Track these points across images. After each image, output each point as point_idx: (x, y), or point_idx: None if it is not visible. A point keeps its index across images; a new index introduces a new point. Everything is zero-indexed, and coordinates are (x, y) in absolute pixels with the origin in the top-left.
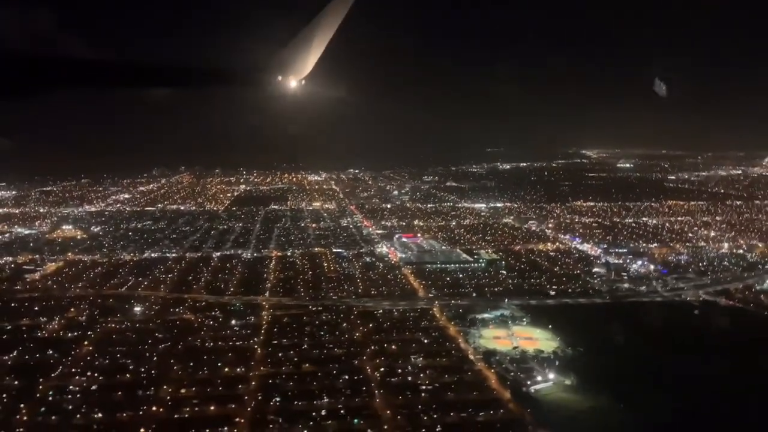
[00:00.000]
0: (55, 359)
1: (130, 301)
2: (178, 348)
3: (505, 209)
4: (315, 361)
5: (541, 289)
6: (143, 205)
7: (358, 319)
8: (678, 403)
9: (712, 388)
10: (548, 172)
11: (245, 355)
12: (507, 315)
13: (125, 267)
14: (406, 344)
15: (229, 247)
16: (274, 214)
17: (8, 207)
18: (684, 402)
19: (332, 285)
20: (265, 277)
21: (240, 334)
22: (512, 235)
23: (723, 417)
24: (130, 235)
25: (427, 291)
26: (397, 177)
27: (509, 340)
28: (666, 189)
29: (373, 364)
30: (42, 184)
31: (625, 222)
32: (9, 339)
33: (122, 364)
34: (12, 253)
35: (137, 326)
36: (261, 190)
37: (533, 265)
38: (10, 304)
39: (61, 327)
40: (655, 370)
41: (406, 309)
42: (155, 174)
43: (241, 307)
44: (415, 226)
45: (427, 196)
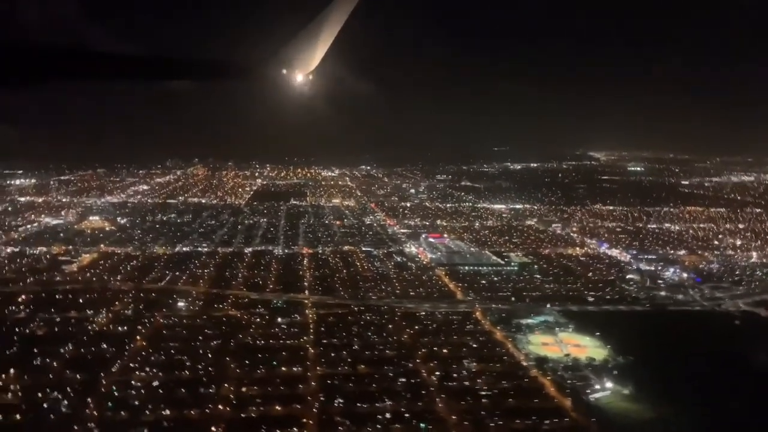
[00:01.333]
0: (111, 353)
1: (172, 295)
2: (231, 345)
3: (525, 211)
4: (369, 363)
5: (579, 295)
6: (164, 197)
7: (402, 320)
8: (739, 413)
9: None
10: (561, 174)
11: (299, 354)
12: (551, 321)
13: (160, 260)
14: (456, 348)
15: (258, 242)
16: (295, 209)
17: (30, 195)
18: (745, 412)
19: (369, 284)
20: (301, 274)
21: (289, 332)
22: (538, 238)
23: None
24: (158, 228)
25: (464, 293)
26: (410, 175)
27: (558, 346)
28: (681, 194)
29: (428, 368)
30: (58, 173)
31: (648, 227)
32: (61, 331)
33: (179, 360)
34: (44, 244)
35: (185, 322)
36: (278, 185)
37: (566, 270)
38: (55, 296)
39: (109, 320)
40: (711, 380)
41: (448, 311)
42: (169, 165)
43: (284, 304)
44: (438, 226)
45: (444, 196)
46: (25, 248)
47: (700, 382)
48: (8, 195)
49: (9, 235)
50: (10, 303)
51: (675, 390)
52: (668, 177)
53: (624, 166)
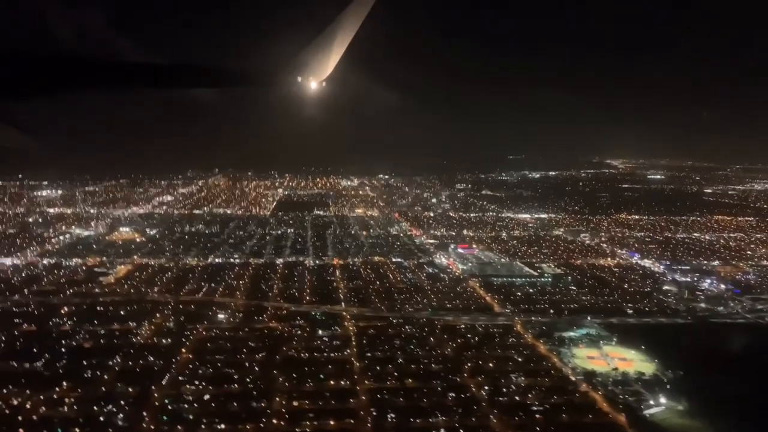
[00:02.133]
0: (159, 366)
1: (211, 307)
2: (276, 358)
3: (551, 220)
4: (416, 377)
5: (618, 307)
6: (189, 208)
7: (443, 333)
8: None
9: None
10: (582, 182)
11: (344, 368)
12: (593, 334)
13: (194, 272)
14: (502, 362)
15: (289, 253)
16: (321, 220)
17: (59, 207)
18: None
19: (404, 296)
20: (335, 285)
21: (331, 345)
22: (568, 249)
23: None
24: (188, 239)
25: (501, 306)
26: (429, 184)
27: (604, 360)
28: (706, 203)
29: (476, 382)
30: (83, 184)
31: (677, 237)
32: (107, 343)
33: (227, 373)
34: (79, 255)
35: (227, 334)
36: (300, 195)
37: (601, 281)
38: (96, 308)
39: (153, 333)
40: (765, 396)
41: (488, 324)
42: (190, 176)
43: (323, 316)
44: (465, 236)
45: (467, 205)
46: (60, 260)
47: (754, 397)
48: (37, 206)
49: (43, 246)
50: (54, 315)
51: (730, 406)
52: (690, 185)
53: (643, 174)
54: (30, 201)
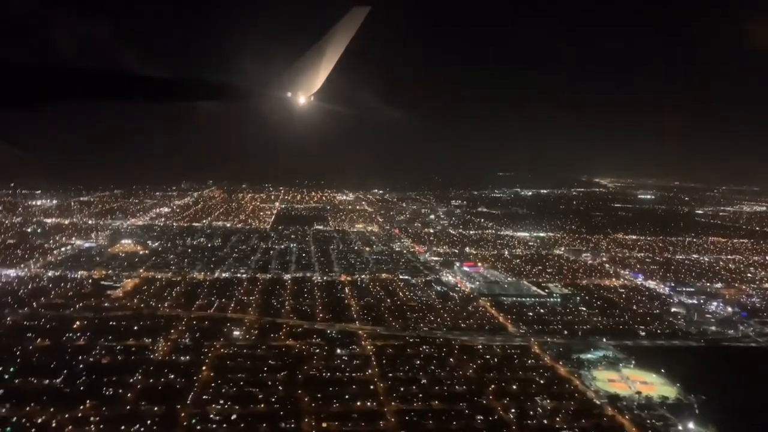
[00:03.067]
0: (181, 384)
1: (225, 324)
2: (299, 377)
3: (550, 239)
4: (441, 398)
5: (630, 329)
6: (188, 220)
7: (462, 354)
8: None
9: None
10: (575, 201)
11: (368, 388)
12: (610, 356)
13: (202, 287)
14: (525, 384)
15: (294, 269)
16: (322, 235)
17: (56, 217)
18: None
19: (417, 315)
20: (346, 303)
21: (352, 364)
22: (572, 269)
23: None
24: (191, 252)
25: (515, 326)
26: (423, 199)
27: (625, 383)
28: (700, 224)
29: (502, 405)
30: (76, 194)
31: (677, 258)
32: (124, 360)
33: (250, 392)
34: (83, 268)
35: (245, 352)
36: (297, 208)
37: (609, 303)
38: (109, 323)
39: (170, 349)
40: None
41: (504, 345)
42: (184, 187)
43: (338, 335)
44: (468, 254)
45: (465, 222)
46: (65, 272)
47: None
48: (34, 216)
49: (46, 258)
50: (66, 329)
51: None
52: (681, 206)
53: (633, 193)
54: (26, 210)
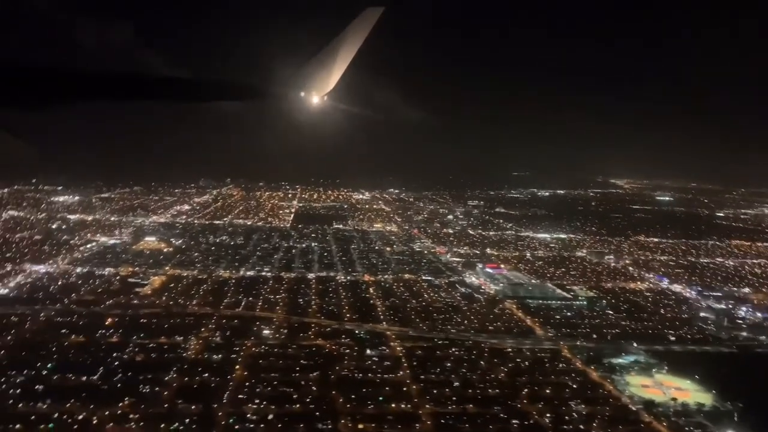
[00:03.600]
0: (216, 383)
1: (254, 322)
2: (331, 378)
3: (571, 241)
4: (475, 402)
5: (659, 334)
6: (209, 218)
7: (492, 357)
8: None
9: None
10: (593, 202)
11: (401, 390)
12: (642, 361)
13: (229, 285)
14: (558, 388)
15: (318, 268)
16: (342, 234)
17: (78, 213)
18: None
19: (443, 317)
20: (372, 303)
21: (382, 365)
22: (595, 271)
23: None
24: (214, 250)
25: (543, 329)
26: (440, 199)
27: (659, 389)
28: (722, 227)
29: (537, 409)
30: (97, 191)
31: (701, 262)
32: (158, 358)
33: (285, 392)
34: (109, 264)
35: (277, 351)
36: (315, 207)
37: (636, 306)
38: (140, 320)
39: (201, 348)
40: None
41: (534, 348)
42: (202, 185)
43: (367, 335)
44: (490, 255)
45: (484, 223)
46: (92, 269)
47: None
48: (57, 212)
49: (72, 254)
50: (99, 326)
51: None
52: (700, 208)
53: (651, 195)
54: (49, 206)
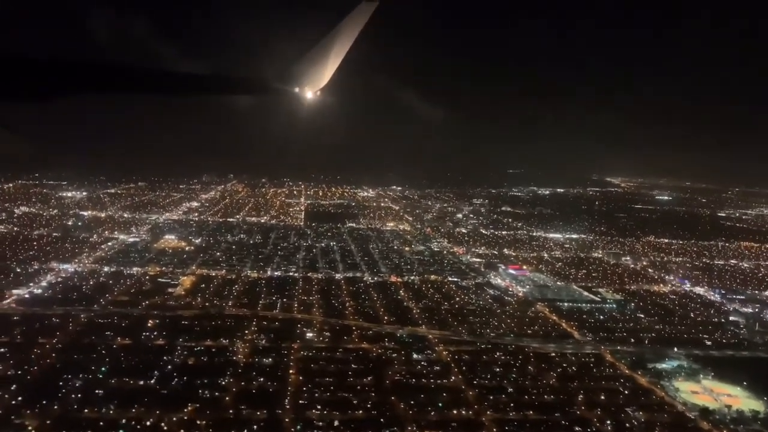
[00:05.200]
0: (274, 388)
1: (294, 324)
2: (386, 383)
3: (583, 241)
4: (534, 408)
5: (694, 338)
6: (221, 216)
7: (538, 361)
8: None
9: None
10: (596, 201)
11: (459, 396)
12: (685, 366)
13: (259, 285)
14: (611, 394)
15: (343, 268)
16: (357, 233)
17: (90, 210)
18: None
19: (479, 319)
20: (405, 305)
21: (433, 370)
22: (615, 273)
23: None
24: (235, 249)
25: (580, 333)
26: (444, 197)
27: (709, 396)
28: (727, 228)
29: (596, 416)
30: (102, 186)
31: (716, 264)
32: (209, 361)
33: (344, 397)
34: (134, 263)
35: (324, 354)
36: (322, 204)
37: (665, 310)
38: (181, 321)
39: (250, 351)
40: None
41: (577, 353)
42: (205, 180)
43: (409, 339)
44: (507, 255)
45: (494, 222)
46: (119, 268)
47: None
48: (68, 208)
49: (95, 252)
50: (141, 328)
51: None
52: (700, 208)
53: (649, 194)
54: (59, 202)
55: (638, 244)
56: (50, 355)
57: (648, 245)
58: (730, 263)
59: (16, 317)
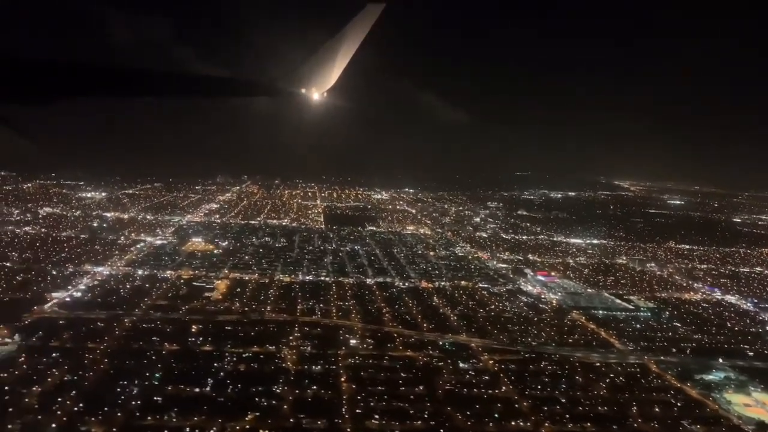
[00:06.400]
0: (328, 396)
1: (336, 331)
2: (438, 392)
3: (605, 247)
4: (591, 420)
5: (735, 348)
6: (242, 218)
7: (585, 372)
8: None
9: None
10: (611, 206)
11: (513, 408)
12: (732, 377)
13: (293, 290)
14: (664, 407)
15: (372, 273)
16: (380, 237)
17: (112, 211)
18: None
19: (518, 328)
20: (442, 312)
21: (483, 380)
22: (642, 280)
23: None
24: (263, 252)
25: (620, 342)
26: (457, 200)
27: (762, 408)
28: (745, 234)
29: (653, 429)
30: (120, 187)
31: (742, 271)
32: (259, 368)
33: (400, 407)
34: (166, 267)
35: (372, 362)
36: (339, 207)
37: (700, 318)
38: (224, 327)
39: (297, 358)
40: None
41: (621, 363)
42: (219, 181)
43: (452, 347)
44: (533, 261)
45: (513, 226)
46: (153, 271)
47: None
48: (91, 210)
49: (126, 255)
50: (186, 333)
51: None
52: (714, 213)
53: (660, 198)
54: (80, 203)
55: (660, 250)
56: (103, 360)
57: (669, 251)
58: (755, 271)
59: (62, 321)
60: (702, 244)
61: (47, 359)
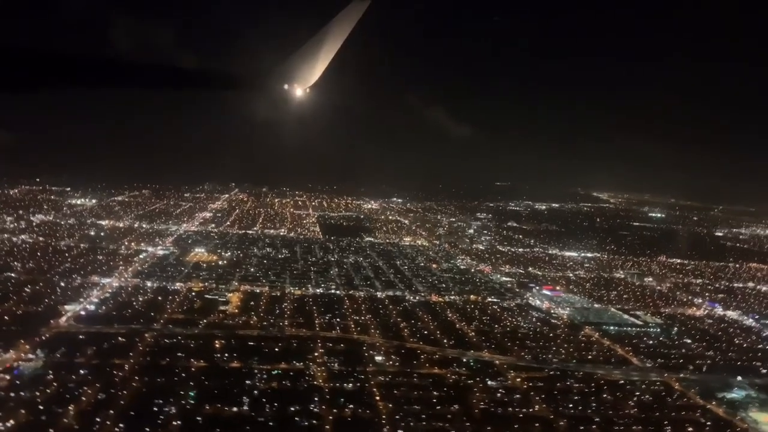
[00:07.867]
0: (366, 416)
1: (359, 347)
2: (475, 412)
3: (600, 260)
4: None
5: (748, 366)
6: (239, 227)
7: (611, 390)
8: None
9: None
10: (597, 218)
11: (551, 427)
12: (754, 395)
13: (306, 303)
14: (698, 427)
15: (381, 286)
16: (379, 248)
17: (105, 219)
18: None
19: (535, 344)
20: (458, 327)
21: (514, 398)
22: (644, 295)
23: None
24: (267, 263)
25: (639, 359)
26: (445, 211)
27: None
28: (728, 248)
29: None
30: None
31: (736, 286)
32: (293, 387)
33: (440, 427)
34: (174, 278)
35: (401, 380)
36: (332, 216)
37: (708, 335)
38: (248, 343)
39: (327, 376)
40: None
41: (644, 381)
42: (207, 189)
43: (477, 364)
44: (535, 275)
45: (507, 239)
46: (162, 283)
47: None
48: (85, 217)
49: (131, 266)
50: (211, 349)
51: None
52: (695, 226)
53: (642, 211)
54: (72, 210)
55: (653, 263)
56: (133, 377)
57: (663, 265)
58: (748, 286)
59: (82, 336)
60: (692, 258)
61: (76, 377)
